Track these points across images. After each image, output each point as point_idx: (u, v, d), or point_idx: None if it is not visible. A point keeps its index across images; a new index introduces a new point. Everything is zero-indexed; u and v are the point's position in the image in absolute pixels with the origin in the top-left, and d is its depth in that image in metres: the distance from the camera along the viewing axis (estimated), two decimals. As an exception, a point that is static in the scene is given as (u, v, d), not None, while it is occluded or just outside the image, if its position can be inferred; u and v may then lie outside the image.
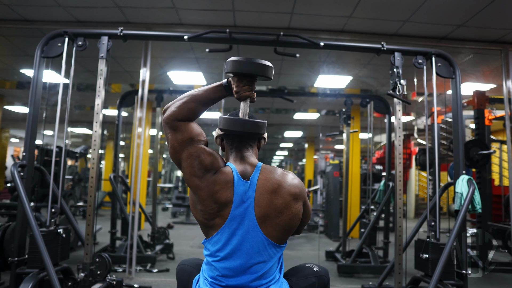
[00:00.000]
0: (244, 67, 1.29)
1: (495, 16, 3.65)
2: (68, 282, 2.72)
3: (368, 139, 5.68)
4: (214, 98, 1.38)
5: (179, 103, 1.35)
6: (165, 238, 5.03)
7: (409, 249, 3.08)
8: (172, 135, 1.36)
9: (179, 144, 1.35)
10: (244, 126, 1.34)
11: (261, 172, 1.40)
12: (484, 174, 4.76)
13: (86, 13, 3.87)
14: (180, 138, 1.35)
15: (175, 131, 1.35)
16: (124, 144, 8.16)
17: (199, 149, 1.35)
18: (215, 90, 1.37)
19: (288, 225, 1.37)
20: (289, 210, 1.37)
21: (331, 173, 7.24)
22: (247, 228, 1.34)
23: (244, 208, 1.34)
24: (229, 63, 1.31)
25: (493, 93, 5.59)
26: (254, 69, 1.30)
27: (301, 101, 7.31)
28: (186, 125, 1.36)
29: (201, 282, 1.43)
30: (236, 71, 1.30)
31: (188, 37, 3.03)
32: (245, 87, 1.33)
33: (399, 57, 3.02)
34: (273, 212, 1.35)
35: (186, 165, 1.35)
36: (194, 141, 1.36)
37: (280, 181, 1.38)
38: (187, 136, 1.35)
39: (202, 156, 1.35)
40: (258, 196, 1.35)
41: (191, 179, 1.34)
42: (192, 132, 1.36)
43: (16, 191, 2.71)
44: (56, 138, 2.83)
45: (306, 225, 1.55)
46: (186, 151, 1.35)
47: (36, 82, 2.79)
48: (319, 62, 5.14)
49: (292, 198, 1.38)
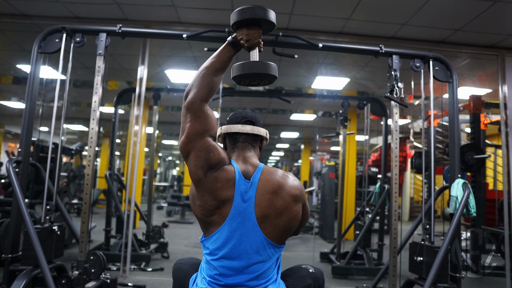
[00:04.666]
0: (249, 12, 1.33)
1: (492, 22, 3.67)
2: (62, 280, 2.70)
3: (365, 141, 5.69)
4: (226, 59, 1.39)
5: (198, 81, 1.36)
6: (160, 237, 5.01)
7: (404, 251, 3.09)
8: (192, 123, 1.35)
9: (195, 133, 1.35)
10: (262, 68, 1.34)
11: (262, 173, 1.40)
12: (478, 178, 4.79)
13: (84, 9, 3.85)
14: (198, 128, 1.35)
15: (196, 119, 1.35)
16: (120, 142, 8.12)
17: (211, 145, 1.36)
18: (225, 50, 1.38)
19: (287, 226, 1.38)
20: (288, 211, 1.37)
21: (327, 175, 7.25)
22: (247, 228, 1.34)
23: (244, 208, 1.34)
24: (236, 13, 1.34)
25: (489, 98, 5.62)
26: (259, 13, 1.33)
27: (298, 102, 7.31)
28: (207, 114, 1.37)
29: (198, 281, 1.43)
30: (243, 17, 1.33)
31: (187, 35, 3.03)
32: (255, 34, 1.36)
33: (397, 60, 3.03)
34: (273, 213, 1.35)
35: (194, 157, 1.35)
36: (207, 135, 1.37)
37: (281, 182, 1.39)
38: (205, 128, 1.36)
39: (212, 154, 1.35)
40: (258, 196, 1.35)
41: (195, 171, 1.35)
42: (210, 124, 1.37)
43: (11, 187, 2.69)
44: (52, 134, 2.81)
45: (303, 227, 1.56)
46: (199, 143, 1.35)
47: (32, 77, 2.78)
48: (317, 64, 5.14)
49: (292, 200, 1.38)
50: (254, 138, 1.49)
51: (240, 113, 1.52)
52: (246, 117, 1.50)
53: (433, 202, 2.92)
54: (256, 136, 1.50)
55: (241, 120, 1.49)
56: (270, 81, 1.41)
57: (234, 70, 1.36)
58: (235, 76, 1.37)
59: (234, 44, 1.38)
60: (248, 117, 1.50)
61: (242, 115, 1.50)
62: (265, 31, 1.42)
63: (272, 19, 1.36)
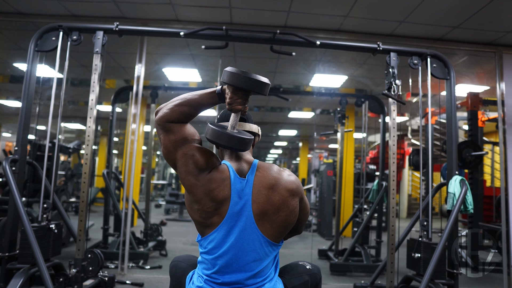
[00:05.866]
0: (241, 82, 1.25)
1: (490, 19, 3.67)
2: (59, 278, 2.70)
3: (362, 138, 5.70)
4: (207, 104, 1.36)
5: (171, 106, 1.33)
6: (158, 235, 5.01)
7: (401, 248, 3.10)
8: (165, 136, 1.35)
9: (172, 144, 1.34)
10: (231, 142, 1.30)
11: (257, 169, 1.40)
12: (476, 175, 4.81)
13: (81, 7, 3.83)
14: (173, 139, 1.34)
15: (167, 132, 1.34)
16: (118, 140, 8.10)
17: (193, 148, 1.35)
18: (209, 96, 1.34)
19: (285, 222, 1.38)
20: (286, 206, 1.37)
21: (325, 172, 7.26)
22: (244, 226, 1.34)
23: (241, 206, 1.34)
24: (226, 73, 1.27)
25: (486, 95, 5.64)
26: (251, 85, 1.26)
27: (296, 100, 7.31)
28: (179, 127, 1.35)
29: (195, 279, 1.42)
30: (232, 83, 1.26)
31: (184, 33, 3.01)
32: (239, 100, 1.30)
33: (395, 57, 3.03)
34: (271, 209, 1.35)
35: (181, 164, 1.34)
36: (188, 141, 1.35)
37: (277, 177, 1.39)
38: (180, 136, 1.34)
39: (197, 155, 1.34)
40: (255, 193, 1.35)
41: (186, 177, 1.34)
42: (185, 132, 1.35)
43: (8, 186, 2.69)
44: (49, 133, 2.80)
45: (305, 224, 1.55)
46: (180, 150, 1.34)
47: (29, 76, 2.77)
48: (315, 61, 5.14)
49: (289, 194, 1.38)
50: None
51: (227, 120, 1.50)
52: None
53: (430, 199, 2.92)
54: (248, 132, 1.49)
55: None
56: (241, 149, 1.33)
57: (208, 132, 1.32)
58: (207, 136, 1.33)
59: (220, 96, 1.34)
60: None
61: None
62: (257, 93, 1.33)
63: (261, 90, 1.28)
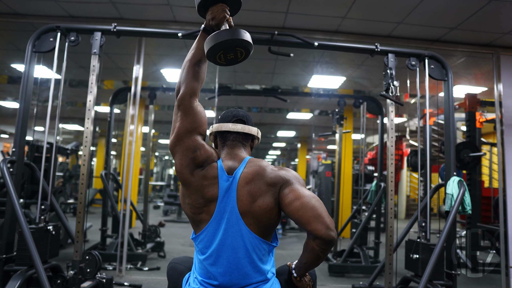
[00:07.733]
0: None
1: (488, 20, 3.68)
2: (57, 280, 2.69)
3: (361, 139, 5.70)
4: (202, 47, 1.40)
5: (184, 76, 1.39)
6: (156, 236, 5.00)
7: (400, 249, 3.10)
8: (181, 122, 1.37)
9: (184, 131, 1.37)
10: (233, 34, 1.27)
11: (246, 165, 1.38)
12: (474, 176, 4.81)
13: (79, 8, 3.83)
14: (187, 126, 1.37)
15: (186, 116, 1.37)
16: (116, 141, 8.09)
17: (199, 143, 1.37)
18: (200, 39, 1.41)
19: (264, 214, 1.33)
20: (261, 197, 1.33)
21: (323, 173, 7.27)
22: (231, 222, 1.33)
23: (227, 203, 1.34)
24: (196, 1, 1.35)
25: (484, 96, 5.65)
26: None
27: (295, 101, 7.31)
28: (197, 110, 1.39)
29: (191, 281, 1.42)
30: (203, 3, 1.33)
31: (182, 34, 3.01)
32: (218, 10, 1.34)
33: (393, 58, 3.04)
34: (253, 202, 1.32)
35: (180, 155, 1.36)
36: (196, 133, 1.38)
37: (258, 170, 1.36)
38: (193, 125, 1.37)
39: (199, 152, 1.36)
40: (239, 189, 1.34)
41: (181, 170, 1.36)
42: (199, 121, 1.39)
43: (5, 187, 2.67)
44: (47, 134, 2.80)
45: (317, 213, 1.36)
46: (186, 141, 1.36)
47: (27, 77, 2.76)
48: (313, 62, 5.14)
49: (266, 185, 1.34)
50: (245, 137, 1.48)
51: (232, 112, 1.51)
52: (237, 116, 1.49)
53: (429, 200, 2.93)
54: (247, 135, 1.48)
55: (232, 118, 1.49)
56: (245, 51, 1.31)
57: (205, 46, 1.30)
58: (208, 54, 1.31)
59: (206, 30, 1.39)
60: (239, 116, 1.49)
61: (233, 114, 1.50)
62: (232, 7, 1.38)
63: None
